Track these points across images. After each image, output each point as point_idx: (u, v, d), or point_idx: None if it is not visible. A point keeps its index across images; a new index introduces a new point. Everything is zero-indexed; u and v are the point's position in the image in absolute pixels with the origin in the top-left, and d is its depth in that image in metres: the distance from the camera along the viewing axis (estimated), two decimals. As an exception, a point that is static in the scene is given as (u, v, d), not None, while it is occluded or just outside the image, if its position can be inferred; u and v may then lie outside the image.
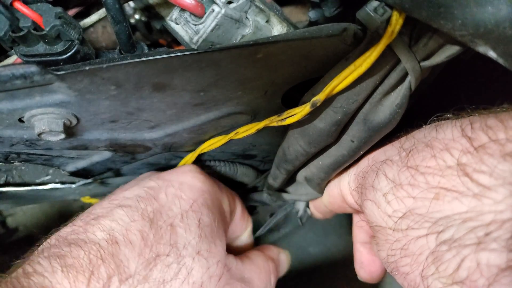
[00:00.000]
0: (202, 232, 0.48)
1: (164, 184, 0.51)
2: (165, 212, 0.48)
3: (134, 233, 0.44)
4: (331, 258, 1.04)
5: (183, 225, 0.47)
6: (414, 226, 0.36)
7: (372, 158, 0.47)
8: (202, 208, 0.50)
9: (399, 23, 0.37)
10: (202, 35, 0.40)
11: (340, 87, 0.41)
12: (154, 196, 0.49)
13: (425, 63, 0.41)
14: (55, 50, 0.39)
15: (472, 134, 0.35)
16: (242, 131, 0.51)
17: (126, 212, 0.46)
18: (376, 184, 0.42)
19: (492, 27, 0.30)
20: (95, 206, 0.49)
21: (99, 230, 0.44)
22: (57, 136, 0.41)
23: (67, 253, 0.41)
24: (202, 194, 0.52)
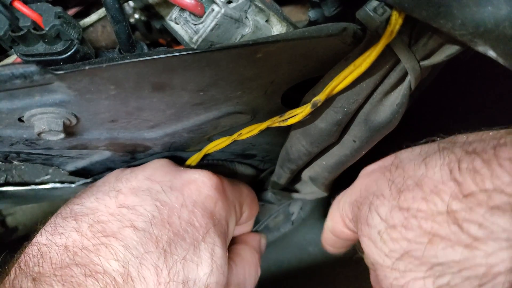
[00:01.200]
0: (213, 264, 0.46)
1: (177, 201, 0.49)
2: (179, 243, 0.45)
3: (148, 268, 0.42)
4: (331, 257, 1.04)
5: (196, 259, 0.46)
6: (411, 268, 0.37)
7: (365, 187, 0.46)
8: (215, 238, 0.48)
9: (398, 23, 0.37)
10: (201, 35, 0.40)
11: (340, 87, 0.41)
12: (168, 219, 0.46)
13: (425, 62, 0.41)
14: (54, 50, 0.39)
15: (460, 177, 0.36)
16: (245, 132, 0.51)
17: (140, 239, 0.44)
18: (370, 220, 0.42)
19: (492, 27, 0.30)
20: (100, 207, 0.46)
21: (112, 258, 0.41)
22: (56, 135, 0.41)
23: (82, 283, 0.39)
24: (213, 219, 0.50)
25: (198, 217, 0.48)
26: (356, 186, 0.49)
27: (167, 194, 0.49)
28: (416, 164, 0.41)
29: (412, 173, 0.41)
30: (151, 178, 0.51)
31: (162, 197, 0.48)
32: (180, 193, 0.50)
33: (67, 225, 0.44)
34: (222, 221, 0.52)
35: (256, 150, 0.66)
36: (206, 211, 0.50)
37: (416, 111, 0.50)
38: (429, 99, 0.57)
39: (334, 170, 0.57)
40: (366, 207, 0.43)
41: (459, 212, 0.35)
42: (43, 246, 0.42)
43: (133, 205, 0.46)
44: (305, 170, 0.61)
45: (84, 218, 0.45)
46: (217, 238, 0.48)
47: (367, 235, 0.42)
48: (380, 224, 0.41)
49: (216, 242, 0.48)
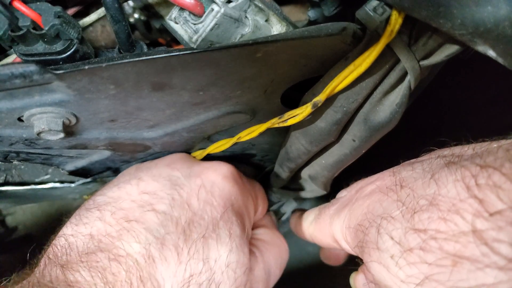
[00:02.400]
0: (232, 243, 0.48)
1: (195, 183, 0.51)
2: (197, 222, 0.47)
3: (169, 248, 0.44)
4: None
5: (215, 236, 0.47)
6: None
7: (368, 210, 0.44)
8: (232, 217, 0.50)
9: (398, 23, 0.37)
10: (201, 34, 0.40)
11: (340, 87, 0.41)
12: (187, 201, 0.48)
13: (425, 62, 0.41)
14: (54, 49, 0.39)
15: (480, 193, 0.34)
16: (245, 135, 0.51)
17: (161, 221, 0.45)
18: (380, 244, 0.40)
19: (491, 26, 0.30)
20: (122, 195, 0.48)
21: (134, 241, 0.43)
22: (56, 135, 0.41)
23: (107, 267, 0.40)
24: (231, 200, 0.51)
25: (216, 197, 0.50)
26: (355, 209, 0.47)
27: (186, 179, 0.51)
28: (425, 182, 0.39)
29: (423, 192, 0.38)
30: (171, 166, 0.53)
31: (181, 181, 0.50)
32: (198, 177, 0.52)
33: (91, 215, 0.46)
34: (240, 203, 0.53)
35: (256, 150, 0.66)
36: (224, 192, 0.51)
37: (416, 111, 0.50)
38: (429, 99, 0.57)
39: (333, 169, 0.57)
40: (374, 230, 0.41)
41: (486, 232, 0.32)
42: (70, 237, 0.44)
43: (154, 191, 0.48)
44: (305, 169, 0.61)
45: (107, 207, 0.46)
46: (234, 217, 0.50)
47: (378, 260, 0.40)
48: (394, 248, 0.38)
49: (233, 220, 0.49)
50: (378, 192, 0.44)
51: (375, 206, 0.43)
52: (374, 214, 0.42)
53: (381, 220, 0.40)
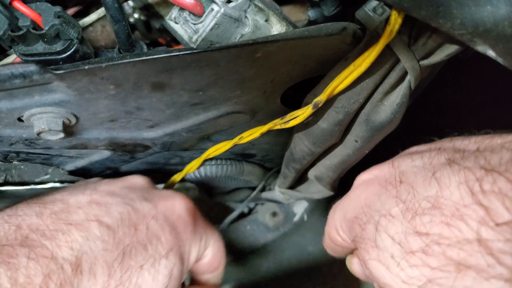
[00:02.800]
0: (169, 284, 0.45)
1: (149, 212, 0.48)
2: (140, 251, 0.44)
3: (102, 265, 0.40)
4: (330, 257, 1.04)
5: (153, 272, 0.44)
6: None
7: (365, 202, 0.43)
8: (176, 258, 0.47)
9: (398, 23, 0.37)
10: (201, 34, 0.40)
11: (341, 87, 0.41)
12: (135, 225, 0.45)
13: (424, 62, 0.41)
14: (54, 49, 0.39)
15: (485, 200, 0.33)
16: (246, 136, 0.51)
17: (102, 235, 0.42)
18: (379, 242, 0.39)
19: (491, 26, 0.30)
20: (71, 200, 0.45)
21: (67, 246, 0.39)
22: (56, 135, 0.41)
23: (22, 266, 0.36)
24: (180, 242, 0.48)
25: (166, 233, 0.47)
26: (352, 199, 0.46)
27: (141, 203, 0.48)
28: (426, 180, 0.38)
29: (424, 192, 0.37)
30: (130, 187, 0.51)
31: (136, 204, 0.48)
32: (154, 206, 0.49)
33: (29, 209, 0.42)
34: (187, 247, 0.50)
35: (256, 150, 0.66)
36: (175, 230, 0.49)
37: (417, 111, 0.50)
38: (429, 99, 0.57)
39: (338, 170, 0.57)
40: (372, 227, 0.40)
41: (493, 242, 0.31)
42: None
43: (105, 204, 0.46)
44: (311, 170, 0.61)
45: (50, 206, 0.43)
46: (178, 260, 0.47)
47: (376, 258, 0.39)
48: (393, 248, 0.37)
49: (177, 264, 0.47)
50: (376, 184, 0.43)
51: (372, 199, 0.42)
52: (372, 209, 0.41)
53: (379, 217, 0.39)
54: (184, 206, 0.51)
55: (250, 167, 0.70)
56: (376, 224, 0.39)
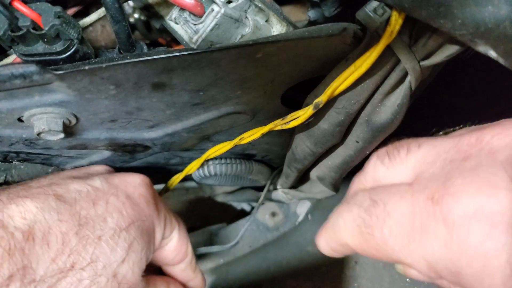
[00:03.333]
0: (127, 257, 0.45)
1: (109, 190, 0.48)
2: (98, 223, 0.44)
3: (56, 234, 0.41)
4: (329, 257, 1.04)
5: (112, 243, 0.44)
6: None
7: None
8: (137, 232, 0.47)
9: (398, 23, 0.37)
10: (201, 35, 0.40)
11: (341, 88, 0.41)
12: (94, 200, 0.46)
13: (425, 62, 0.41)
14: (54, 50, 0.39)
15: None
16: (247, 136, 0.51)
17: (58, 208, 0.42)
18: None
19: (492, 26, 0.30)
20: (33, 183, 0.46)
21: (19, 216, 0.40)
22: (56, 135, 0.41)
23: None
24: (142, 217, 0.49)
25: (127, 208, 0.47)
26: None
27: (101, 183, 0.49)
28: None
29: None
30: (92, 171, 0.53)
31: (95, 184, 0.48)
32: (114, 186, 0.49)
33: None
34: (150, 223, 0.50)
35: (256, 150, 0.66)
36: (137, 206, 0.49)
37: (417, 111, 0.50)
38: (430, 99, 0.57)
39: (340, 170, 0.57)
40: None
41: None
42: None
43: (64, 184, 0.46)
44: (313, 170, 0.62)
45: (11, 187, 0.44)
46: (139, 235, 0.47)
47: None
48: None
49: (137, 237, 0.47)
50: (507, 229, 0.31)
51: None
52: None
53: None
54: (145, 186, 0.52)
55: (259, 166, 0.70)
56: None
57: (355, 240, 0.41)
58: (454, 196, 0.32)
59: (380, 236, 0.38)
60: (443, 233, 0.33)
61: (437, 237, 0.33)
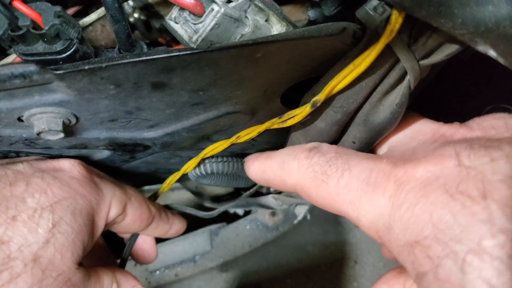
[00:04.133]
0: (52, 238, 0.41)
1: (32, 172, 0.45)
2: (13, 202, 0.41)
3: None
4: (330, 256, 1.04)
5: (29, 222, 0.40)
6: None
7: (431, 217, 0.32)
8: (65, 212, 0.43)
9: (398, 22, 0.37)
10: (201, 34, 0.40)
11: (340, 87, 0.41)
12: (11, 182, 0.43)
13: (424, 61, 0.41)
14: (54, 49, 0.39)
15: None
16: (244, 135, 0.51)
17: None
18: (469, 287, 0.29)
19: (492, 26, 0.30)
20: None
21: None
22: (56, 135, 0.41)
23: None
24: (73, 196, 0.45)
25: (53, 188, 0.44)
26: (406, 201, 0.34)
27: (24, 167, 0.46)
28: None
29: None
30: (19, 160, 0.49)
31: (18, 167, 0.46)
32: (40, 170, 0.46)
33: None
34: (87, 204, 0.46)
35: (256, 150, 0.66)
36: (67, 187, 0.45)
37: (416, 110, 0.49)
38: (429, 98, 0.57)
39: None
40: (451, 263, 0.30)
41: None
42: None
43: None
44: None
45: None
46: (69, 215, 0.43)
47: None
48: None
49: (67, 217, 0.43)
50: (441, 191, 0.33)
51: (443, 217, 0.31)
52: (447, 234, 0.31)
53: (466, 254, 0.29)
54: (77, 167, 0.49)
55: None
56: (462, 264, 0.29)
57: (305, 184, 0.43)
58: (410, 163, 0.36)
59: (334, 186, 0.40)
60: (390, 190, 0.36)
61: (384, 193, 0.36)
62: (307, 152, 0.44)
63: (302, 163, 0.43)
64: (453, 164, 0.33)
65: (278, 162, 0.46)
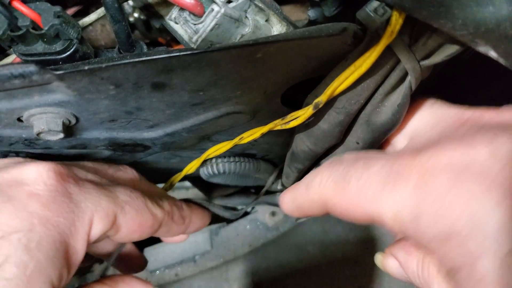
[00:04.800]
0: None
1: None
2: None
3: None
4: (330, 256, 1.04)
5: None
6: None
7: (463, 214, 0.30)
8: (14, 250, 0.34)
9: (399, 23, 0.37)
10: (201, 35, 0.39)
11: (342, 88, 0.41)
12: None
13: (425, 62, 0.41)
14: (53, 49, 0.39)
15: None
16: (247, 136, 0.51)
17: None
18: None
19: (493, 27, 0.30)
20: None
21: None
22: (56, 135, 0.41)
23: None
24: (28, 225, 0.35)
25: (3, 214, 0.36)
26: (434, 196, 0.32)
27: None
28: None
29: None
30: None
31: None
32: (7, 173, 0.39)
33: None
34: (51, 232, 0.37)
35: (256, 150, 0.66)
36: (22, 211, 0.36)
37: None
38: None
39: None
40: (488, 262, 0.29)
41: None
42: None
43: None
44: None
45: None
46: (21, 253, 0.34)
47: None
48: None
49: (13, 255, 0.33)
50: (476, 181, 0.30)
51: (480, 211, 0.29)
52: (482, 231, 0.29)
53: (505, 256, 0.28)
54: (43, 177, 0.40)
55: (265, 165, 0.70)
56: (500, 263, 0.28)
57: (328, 195, 0.40)
58: (434, 150, 0.34)
59: (356, 185, 0.37)
60: (414, 180, 0.33)
61: (408, 183, 0.33)
62: (328, 165, 0.42)
63: (324, 176, 0.41)
64: (487, 152, 0.31)
65: (304, 183, 0.43)
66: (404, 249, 0.39)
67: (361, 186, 0.36)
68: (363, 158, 0.39)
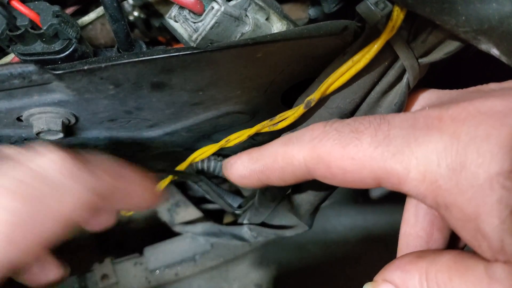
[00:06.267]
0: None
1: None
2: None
3: None
4: (330, 256, 1.04)
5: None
6: None
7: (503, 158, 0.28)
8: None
9: (400, 18, 0.36)
10: (201, 33, 0.39)
11: (337, 85, 0.40)
12: None
13: (424, 60, 0.40)
14: (52, 49, 0.39)
15: None
16: (233, 138, 0.49)
17: None
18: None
19: (496, 23, 0.30)
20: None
21: None
22: (55, 135, 0.41)
23: None
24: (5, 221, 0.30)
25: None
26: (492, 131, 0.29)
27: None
28: None
29: None
30: None
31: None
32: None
33: None
34: (34, 217, 0.31)
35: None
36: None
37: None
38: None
39: (320, 193, 0.51)
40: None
41: None
42: None
43: None
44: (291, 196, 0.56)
45: None
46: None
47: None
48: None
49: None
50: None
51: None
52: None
53: None
54: (32, 166, 0.33)
55: None
56: None
57: (324, 149, 0.35)
58: (465, 102, 0.32)
59: (370, 140, 0.33)
60: (449, 129, 0.30)
61: (442, 134, 0.30)
62: (324, 122, 0.36)
63: (318, 130, 0.35)
64: None
65: (279, 142, 0.38)
66: (400, 268, 0.35)
67: (380, 140, 0.32)
68: (375, 115, 0.35)
